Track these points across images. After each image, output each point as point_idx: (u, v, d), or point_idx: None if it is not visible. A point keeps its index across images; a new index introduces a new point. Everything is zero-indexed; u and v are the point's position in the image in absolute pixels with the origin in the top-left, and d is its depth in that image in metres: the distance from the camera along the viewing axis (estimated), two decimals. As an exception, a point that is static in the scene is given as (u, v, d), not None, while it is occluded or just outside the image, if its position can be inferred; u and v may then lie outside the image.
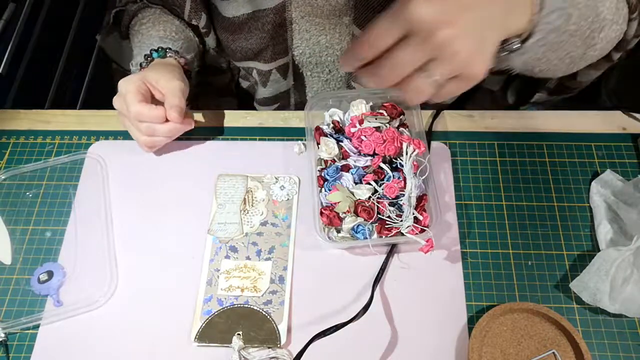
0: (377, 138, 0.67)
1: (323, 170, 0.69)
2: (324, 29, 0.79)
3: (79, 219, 0.71)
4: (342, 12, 0.76)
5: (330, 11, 0.76)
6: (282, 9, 0.75)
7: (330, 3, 0.75)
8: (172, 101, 0.69)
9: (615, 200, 0.69)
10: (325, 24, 0.78)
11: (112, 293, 0.66)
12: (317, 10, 0.76)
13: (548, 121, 0.78)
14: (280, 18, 0.76)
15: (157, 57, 0.75)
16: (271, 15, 0.76)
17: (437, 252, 0.67)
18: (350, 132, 0.70)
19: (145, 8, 0.81)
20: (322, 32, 0.79)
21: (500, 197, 0.72)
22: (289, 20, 0.77)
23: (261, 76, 0.84)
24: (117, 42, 0.87)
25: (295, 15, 0.77)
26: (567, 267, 0.67)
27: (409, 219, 0.64)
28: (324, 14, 0.77)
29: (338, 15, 0.77)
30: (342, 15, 0.77)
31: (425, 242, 0.63)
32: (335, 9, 0.76)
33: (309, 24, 0.78)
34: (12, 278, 0.68)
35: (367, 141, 0.67)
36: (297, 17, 0.77)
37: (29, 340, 0.64)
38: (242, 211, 0.71)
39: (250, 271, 0.67)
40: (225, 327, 0.63)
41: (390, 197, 0.65)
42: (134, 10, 0.81)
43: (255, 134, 0.78)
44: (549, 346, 0.60)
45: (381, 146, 0.67)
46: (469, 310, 0.64)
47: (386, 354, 0.61)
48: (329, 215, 0.65)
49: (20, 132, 0.79)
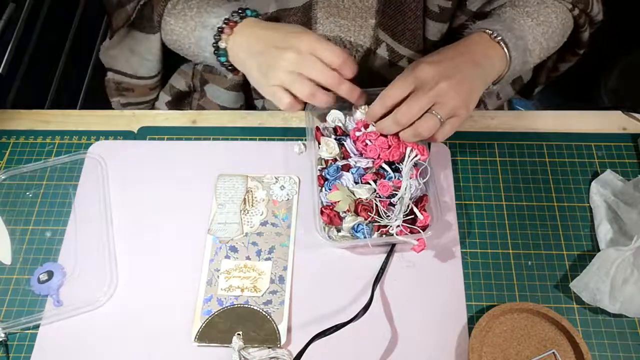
0: (382, 143, 0.67)
1: (324, 169, 0.69)
2: (349, 31, 0.78)
3: (79, 219, 0.71)
4: (368, 14, 0.77)
5: (357, 13, 0.77)
6: (309, 8, 0.75)
7: (356, 5, 0.76)
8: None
9: (615, 200, 0.69)
10: (350, 26, 0.78)
11: (112, 293, 0.66)
12: (343, 12, 0.76)
13: (548, 121, 0.78)
14: (306, 17, 0.76)
15: (251, 16, 0.71)
16: (299, 14, 0.75)
17: (437, 252, 0.67)
18: (354, 136, 0.70)
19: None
20: (347, 34, 0.79)
21: (500, 197, 0.72)
22: (313, 19, 0.77)
23: None
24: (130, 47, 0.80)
25: (320, 15, 0.77)
26: (567, 267, 0.67)
27: (399, 219, 0.64)
28: (349, 15, 0.77)
29: (364, 17, 0.77)
30: (368, 17, 0.77)
31: (417, 242, 0.63)
32: (362, 10, 0.76)
33: (333, 25, 0.78)
34: (12, 278, 0.68)
35: (372, 145, 0.67)
36: (322, 18, 0.77)
37: (29, 340, 0.64)
38: (242, 211, 0.71)
39: (250, 271, 0.67)
40: (225, 327, 0.63)
41: (384, 195, 0.65)
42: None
43: (255, 134, 0.78)
44: (549, 346, 0.60)
45: (386, 151, 0.67)
46: (469, 310, 0.64)
47: (386, 354, 0.61)
48: (330, 214, 0.65)
49: (20, 132, 0.79)
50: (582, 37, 0.81)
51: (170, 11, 0.75)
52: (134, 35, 0.79)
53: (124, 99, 0.86)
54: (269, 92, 0.67)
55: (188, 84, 0.88)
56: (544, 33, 0.74)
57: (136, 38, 0.79)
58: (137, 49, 0.80)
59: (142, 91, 0.84)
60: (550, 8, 0.75)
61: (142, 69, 0.82)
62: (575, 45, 0.83)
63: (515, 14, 0.74)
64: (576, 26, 0.79)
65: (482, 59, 0.68)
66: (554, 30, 0.75)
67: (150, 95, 0.86)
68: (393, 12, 0.75)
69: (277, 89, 0.66)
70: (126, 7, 0.75)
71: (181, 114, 0.81)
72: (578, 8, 0.76)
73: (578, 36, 0.81)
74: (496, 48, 0.69)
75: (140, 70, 0.83)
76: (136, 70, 0.83)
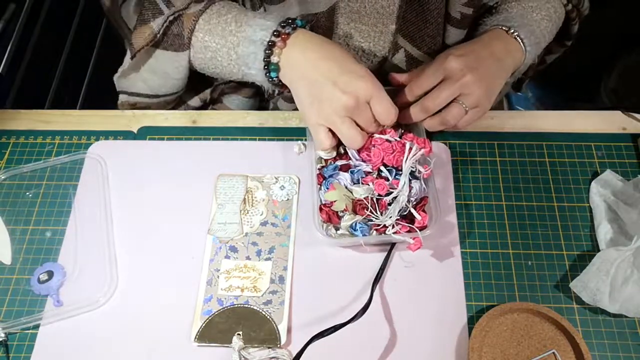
0: (387, 148, 0.66)
1: (322, 167, 0.69)
2: (369, 36, 0.79)
3: (79, 219, 0.71)
4: (389, 20, 0.77)
5: (378, 19, 0.77)
6: (332, 13, 0.75)
7: (378, 11, 0.76)
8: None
9: (615, 200, 0.69)
10: (370, 32, 0.78)
11: (112, 293, 0.66)
12: (365, 18, 0.76)
13: (548, 121, 0.78)
14: (330, 22, 0.75)
15: (301, 26, 0.66)
16: (322, 19, 0.74)
17: (437, 252, 0.67)
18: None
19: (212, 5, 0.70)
20: (366, 40, 0.79)
21: (500, 197, 0.72)
22: (335, 24, 0.77)
23: None
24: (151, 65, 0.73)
25: (341, 21, 0.77)
26: (567, 267, 0.67)
27: (393, 216, 0.64)
28: (370, 21, 0.77)
29: (385, 23, 0.77)
30: (389, 23, 0.77)
31: (413, 241, 0.63)
32: (382, 16, 0.76)
33: (353, 31, 0.78)
34: (12, 278, 0.68)
35: (377, 150, 0.66)
36: (343, 23, 0.77)
37: (29, 340, 0.64)
38: (242, 211, 0.71)
39: (250, 271, 0.67)
40: (225, 327, 0.63)
41: (381, 194, 0.65)
42: (201, 9, 0.69)
43: (255, 134, 0.78)
44: (549, 346, 0.60)
45: (390, 156, 0.66)
46: (469, 310, 0.64)
47: (386, 354, 0.61)
48: (328, 212, 0.65)
49: (20, 132, 0.79)
50: (572, 29, 0.85)
51: (203, 27, 0.68)
52: (157, 55, 0.71)
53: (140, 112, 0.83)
54: (313, 126, 0.66)
55: (203, 99, 0.84)
56: (546, 27, 0.78)
57: (158, 57, 0.72)
58: (159, 68, 0.73)
59: (159, 107, 0.80)
60: (550, 3, 0.79)
61: (164, 88, 0.76)
62: (564, 37, 0.87)
63: (523, 10, 0.77)
64: (568, 20, 0.83)
65: (503, 54, 0.72)
66: (553, 24, 0.79)
67: (166, 107, 0.82)
68: (414, 18, 0.75)
69: (322, 128, 0.65)
70: (150, 24, 0.68)
71: (181, 114, 0.81)
72: (571, 3, 0.80)
73: (568, 29, 0.85)
74: (515, 43, 0.74)
75: (162, 90, 0.77)
76: (157, 90, 0.77)
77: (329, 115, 0.64)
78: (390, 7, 0.75)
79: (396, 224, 0.64)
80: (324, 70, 0.64)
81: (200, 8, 0.69)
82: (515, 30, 0.74)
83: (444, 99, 0.69)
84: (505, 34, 0.74)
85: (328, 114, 0.64)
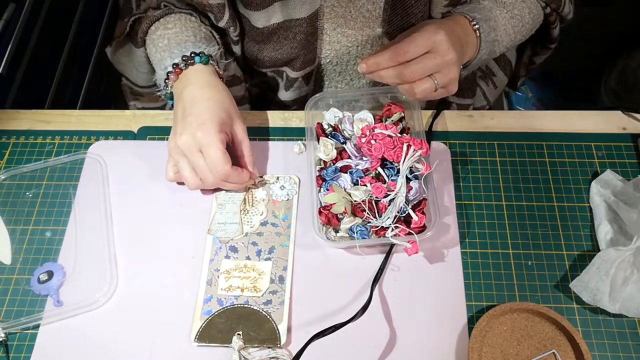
0: (388, 143, 0.67)
1: (322, 170, 0.69)
2: (356, 40, 0.79)
3: (79, 219, 0.71)
4: (375, 23, 0.77)
5: (364, 23, 0.77)
6: (315, 19, 0.75)
7: (364, 15, 0.76)
8: (250, 159, 0.70)
9: (615, 200, 0.69)
10: (357, 36, 0.78)
11: (112, 293, 0.66)
12: (351, 22, 0.77)
13: (548, 121, 0.78)
14: (312, 28, 0.75)
15: (199, 62, 0.70)
16: (304, 25, 0.74)
17: (437, 252, 0.67)
18: (360, 142, 0.69)
19: (170, 14, 0.76)
20: (354, 44, 0.80)
21: (500, 197, 0.72)
22: (320, 30, 0.77)
23: (287, 81, 0.83)
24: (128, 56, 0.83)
25: (327, 27, 0.77)
26: (567, 267, 0.67)
27: (389, 218, 0.64)
28: (357, 25, 0.77)
29: (371, 27, 0.77)
30: (376, 27, 0.77)
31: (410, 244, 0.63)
32: (369, 20, 0.76)
33: (340, 36, 0.78)
34: (12, 278, 0.68)
35: (378, 145, 0.67)
36: (329, 29, 0.77)
37: (29, 340, 0.64)
38: (242, 211, 0.71)
39: (250, 271, 0.67)
40: (225, 327, 0.63)
41: (378, 197, 0.65)
42: (157, 16, 0.75)
43: (255, 134, 0.78)
44: (549, 346, 0.60)
45: (391, 151, 0.66)
46: (469, 310, 0.64)
47: (385, 354, 0.61)
48: (328, 215, 0.65)
49: (20, 132, 0.79)
50: (552, 33, 0.85)
51: (151, 35, 0.76)
52: (130, 47, 0.81)
53: (140, 103, 0.88)
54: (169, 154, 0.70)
55: None
56: (514, 26, 0.78)
57: (131, 50, 0.81)
58: (134, 60, 0.82)
59: (151, 98, 0.85)
60: (525, 3, 0.79)
61: (139, 80, 0.84)
62: (546, 40, 0.88)
63: (493, 4, 0.77)
64: (548, 23, 0.83)
65: (463, 42, 0.72)
66: (524, 25, 0.79)
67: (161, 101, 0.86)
68: (399, 21, 0.76)
69: (171, 159, 0.70)
70: (124, 19, 0.78)
71: (181, 114, 0.81)
72: (550, 7, 0.80)
73: (549, 32, 0.85)
74: (472, 35, 0.73)
75: (138, 80, 0.84)
76: (135, 79, 0.85)
77: (171, 150, 0.68)
78: (376, 10, 0.76)
79: (395, 226, 0.64)
80: (181, 109, 0.68)
81: (157, 15, 0.75)
82: (477, 22, 0.73)
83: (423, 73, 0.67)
84: (467, 23, 0.73)
85: (171, 149, 0.68)
